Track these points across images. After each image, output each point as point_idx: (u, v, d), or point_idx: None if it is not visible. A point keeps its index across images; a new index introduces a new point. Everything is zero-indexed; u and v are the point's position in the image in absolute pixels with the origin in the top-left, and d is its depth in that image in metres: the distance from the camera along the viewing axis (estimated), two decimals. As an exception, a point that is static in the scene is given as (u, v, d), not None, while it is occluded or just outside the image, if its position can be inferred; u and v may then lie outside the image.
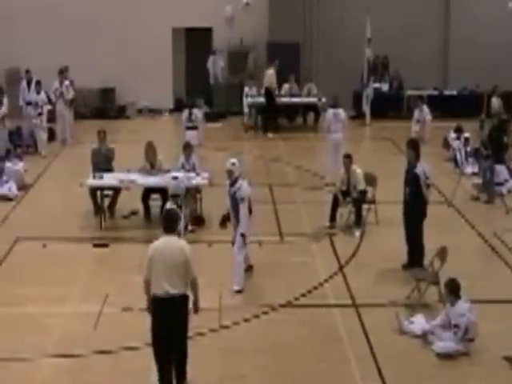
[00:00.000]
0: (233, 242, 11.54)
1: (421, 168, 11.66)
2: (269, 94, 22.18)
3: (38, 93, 20.23)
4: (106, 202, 14.78)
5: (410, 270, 11.74)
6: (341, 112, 17.34)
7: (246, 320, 10.45)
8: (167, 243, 8.50)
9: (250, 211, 11.51)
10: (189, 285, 8.46)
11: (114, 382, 9.06)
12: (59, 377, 9.15)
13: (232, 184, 11.44)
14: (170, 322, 8.39)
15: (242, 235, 11.32)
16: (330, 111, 17.46)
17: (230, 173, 11.47)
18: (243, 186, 11.39)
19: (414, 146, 11.91)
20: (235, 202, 11.41)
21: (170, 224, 8.67)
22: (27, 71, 20.81)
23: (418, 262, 11.68)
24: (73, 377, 9.15)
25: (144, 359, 9.45)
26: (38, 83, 20.35)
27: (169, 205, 10.66)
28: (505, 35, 24.13)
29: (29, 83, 20.63)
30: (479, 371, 9.28)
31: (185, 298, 8.43)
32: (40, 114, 20.06)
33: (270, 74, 22.09)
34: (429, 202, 11.79)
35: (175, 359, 8.59)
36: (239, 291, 11.30)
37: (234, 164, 11.48)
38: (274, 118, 22.72)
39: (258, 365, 9.35)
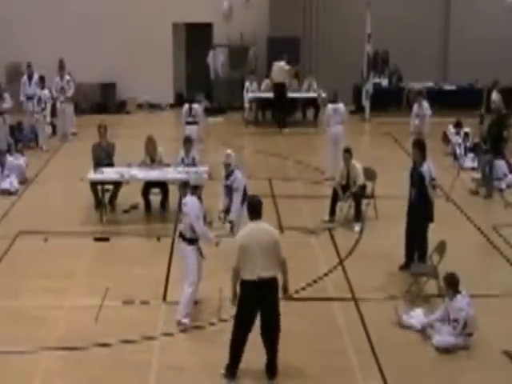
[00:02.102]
0: None
1: (426, 168, 11.46)
2: (279, 88, 22.27)
3: (42, 88, 20.29)
4: (107, 196, 14.83)
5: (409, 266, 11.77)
6: (340, 107, 17.38)
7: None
8: (255, 229, 8.81)
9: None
10: (278, 267, 8.80)
11: (114, 374, 9.09)
12: (60, 369, 9.20)
13: (228, 175, 11.75)
14: (261, 305, 8.76)
15: (231, 222, 11.77)
16: (330, 106, 17.50)
17: (226, 165, 11.90)
18: (238, 177, 11.85)
19: (419, 145, 11.70)
20: (231, 192, 11.58)
21: (255, 211, 8.90)
22: (29, 65, 20.87)
23: (421, 258, 11.62)
24: (73, 369, 9.19)
25: (144, 352, 9.55)
26: (42, 79, 20.41)
27: (188, 196, 10.72)
28: (504, 30, 24.12)
29: (30, 78, 20.72)
30: (478, 365, 9.32)
31: (276, 280, 8.78)
32: (43, 110, 20.11)
33: (283, 67, 22.20)
34: (433, 203, 11.61)
35: (268, 341, 8.96)
36: None
37: (230, 156, 11.89)
38: (284, 113, 22.72)
39: (257, 358, 9.36)
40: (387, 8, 23.89)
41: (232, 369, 8.95)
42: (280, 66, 22.25)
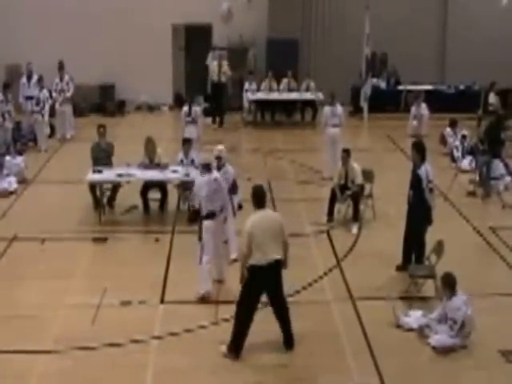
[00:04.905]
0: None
1: (424, 170, 11.41)
2: (213, 87, 22.76)
3: (42, 89, 20.31)
4: (106, 196, 14.85)
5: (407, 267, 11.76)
6: (338, 107, 17.39)
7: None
8: (264, 216, 9.42)
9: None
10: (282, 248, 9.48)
11: (111, 375, 9.09)
12: (58, 371, 9.18)
13: (219, 168, 12.31)
14: (270, 285, 9.37)
15: (241, 206, 12.72)
16: (327, 107, 17.53)
17: (218, 158, 12.40)
18: (230, 170, 12.63)
19: (418, 147, 11.66)
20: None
21: (260, 199, 9.48)
22: (28, 64, 20.94)
23: (418, 259, 11.64)
24: (71, 371, 9.18)
25: (142, 353, 9.55)
26: (41, 79, 20.43)
27: (199, 175, 11.38)
28: (501, 32, 24.18)
29: (29, 78, 20.76)
30: (475, 364, 9.35)
31: (281, 262, 9.44)
32: (42, 110, 20.13)
33: (213, 65, 22.83)
34: (433, 206, 11.56)
35: (280, 316, 9.58)
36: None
37: (221, 150, 12.52)
38: (220, 112, 22.92)
39: (254, 358, 9.42)
40: (386, 10, 23.96)
41: (237, 347, 9.39)
42: (212, 64, 22.95)
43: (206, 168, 11.27)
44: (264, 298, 9.63)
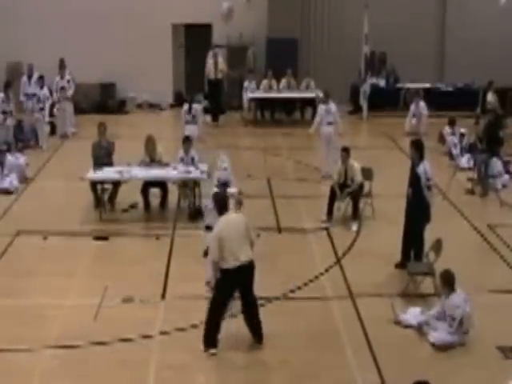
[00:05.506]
0: None
1: (422, 168, 11.48)
2: (210, 85, 23.05)
3: (42, 87, 20.36)
4: (106, 195, 14.90)
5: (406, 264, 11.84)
6: (332, 106, 17.42)
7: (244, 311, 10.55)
8: (230, 220, 9.52)
9: None
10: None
11: (113, 373, 9.11)
12: (59, 368, 9.22)
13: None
14: (243, 286, 9.48)
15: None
16: (322, 106, 17.57)
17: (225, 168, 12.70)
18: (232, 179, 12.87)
19: (416, 145, 11.72)
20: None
21: (224, 205, 9.69)
22: (29, 64, 21.01)
23: (417, 257, 11.70)
24: (72, 368, 9.21)
25: (143, 351, 9.58)
26: (41, 78, 20.48)
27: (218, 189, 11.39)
28: (499, 31, 24.22)
29: (30, 76, 20.83)
30: (474, 361, 9.39)
31: (253, 262, 9.49)
32: (42, 109, 20.19)
33: (209, 63, 22.94)
34: (432, 204, 11.66)
35: (254, 315, 9.67)
36: None
37: (224, 160, 12.78)
38: (219, 109, 23.02)
39: (254, 355, 9.48)
40: (384, 9, 23.99)
41: (212, 341, 9.47)
42: (208, 62, 23.05)
43: (224, 186, 11.35)
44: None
